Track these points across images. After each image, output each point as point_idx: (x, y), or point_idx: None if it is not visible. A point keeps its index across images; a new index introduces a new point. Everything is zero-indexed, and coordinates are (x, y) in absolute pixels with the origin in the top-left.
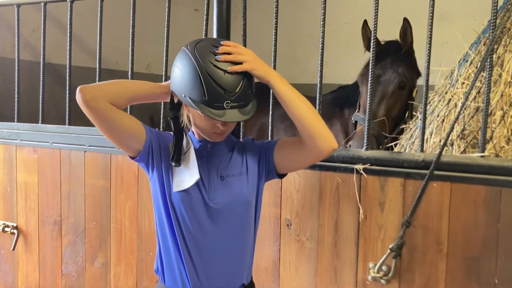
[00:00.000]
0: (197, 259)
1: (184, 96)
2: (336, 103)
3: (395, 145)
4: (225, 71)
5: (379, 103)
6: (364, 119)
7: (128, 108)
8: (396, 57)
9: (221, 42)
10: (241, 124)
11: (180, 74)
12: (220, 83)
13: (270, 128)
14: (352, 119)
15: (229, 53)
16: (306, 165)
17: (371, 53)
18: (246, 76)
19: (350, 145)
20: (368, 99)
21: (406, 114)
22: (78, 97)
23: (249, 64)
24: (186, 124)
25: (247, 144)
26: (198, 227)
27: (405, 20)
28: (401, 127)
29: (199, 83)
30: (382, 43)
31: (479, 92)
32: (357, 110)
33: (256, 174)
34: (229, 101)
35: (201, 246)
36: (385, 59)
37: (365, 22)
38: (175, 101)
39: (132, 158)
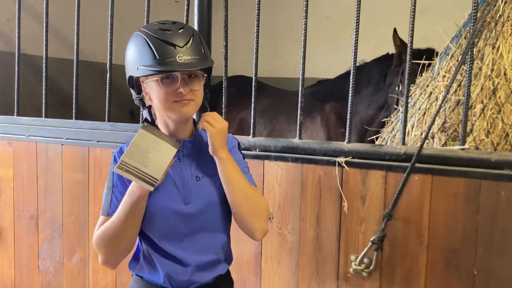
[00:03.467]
0: (173, 257)
1: (137, 69)
2: (316, 97)
3: (377, 138)
4: (171, 30)
5: None
6: None
7: (106, 105)
8: None
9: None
10: (223, 117)
11: (130, 51)
12: (168, 40)
13: (252, 121)
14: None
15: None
16: None
17: (352, 52)
18: (195, 34)
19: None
20: (350, 94)
21: None
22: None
23: (214, 129)
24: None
25: (228, 144)
26: (170, 232)
27: None
28: (382, 120)
29: (147, 46)
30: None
31: (459, 85)
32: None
33: None
34: (181, 55)
35: (176, 246)
36: None
37: (395, 30)
38: (137, 93)
39: None
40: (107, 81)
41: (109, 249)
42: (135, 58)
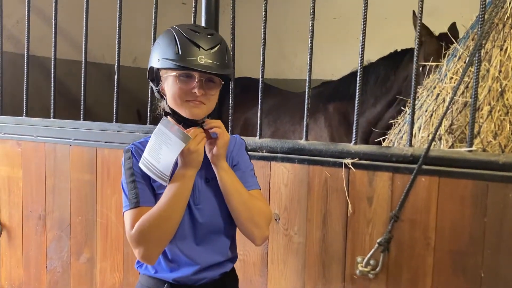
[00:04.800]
0: (183, 257)
1: (159, 60)
2: (320, 98)
3: (383, 139)
4: (200, 32)
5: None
6: None
7: (114, 106)
8: None
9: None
10: (230, 119)
11: (157, 44)
12: (194, 40)
13: (259, 122)
14: None
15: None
16: None
17: (359, 53)
18: (222, 43)
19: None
20: (357, 95)
21: None
22: (140, 259)
23: (224, 140)
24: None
25: (236, 145)
26: (180, 233)
27: None
28: (389, 121)
29: (174, 41)
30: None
31: (467, 87)
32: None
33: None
34: (203, 56)
35: (185, 248)
36: None
37: (414, 12)
38: (156, 86)
39: None
40: (115, 82)
41: (155, 238)
42: (159, 50)
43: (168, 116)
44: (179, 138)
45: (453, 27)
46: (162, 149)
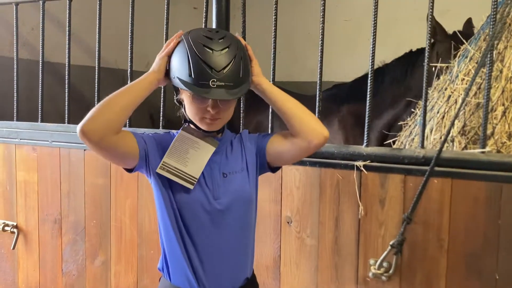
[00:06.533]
0: (202, 259)
1: (174, 77)
2: (333, 100)
3: (394, 142)
4: (213, 50)
5: None
6: None
7: None
8: None
9: (217, 30)
10: (241, 122)
11: (173, 58)
12: (207, 61)
13: (270, 125)
14: None
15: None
16: (298, 158)
17: (370, 55)
18: (237, 57)
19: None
20: (368, 97)
21: None
22: (84, 139)
23: (257, 68)
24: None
25: (243, 137)
26: (200, 228)
27: None
28: (399, 123)
29: (187, 61)
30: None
31: (479, 88)
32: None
33: (255, 168)
34: (215, 80)
35: (205, 246)
36: None
37: (470, 19)
38: (175, 96)
39: (129, 170)
40: None
41: (100, 109)
42: (174, 66)
43: (189, 123)
44: (208, 143)
45: (468, 24)
46: (189, 153)
